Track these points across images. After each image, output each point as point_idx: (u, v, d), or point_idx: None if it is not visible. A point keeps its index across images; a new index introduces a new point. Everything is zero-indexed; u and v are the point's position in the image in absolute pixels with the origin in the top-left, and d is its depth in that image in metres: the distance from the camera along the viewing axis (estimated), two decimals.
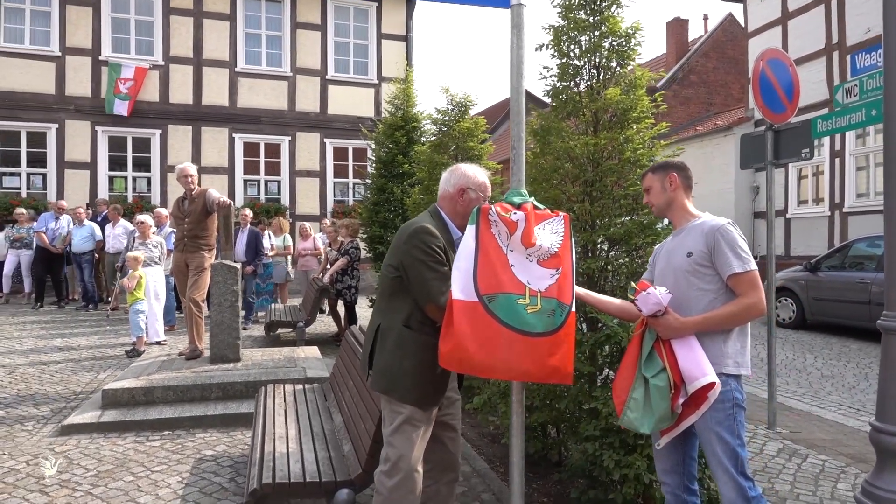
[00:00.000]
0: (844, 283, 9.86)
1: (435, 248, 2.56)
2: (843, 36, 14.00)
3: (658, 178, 2.71)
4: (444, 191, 2.79)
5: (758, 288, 2.40)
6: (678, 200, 2.68)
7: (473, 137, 6.38)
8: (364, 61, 16.52)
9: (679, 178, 2.68)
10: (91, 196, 13.97)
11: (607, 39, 3.77)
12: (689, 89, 22.42)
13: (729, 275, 2.42)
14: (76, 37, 14.21)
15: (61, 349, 7.98)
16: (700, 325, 2.43)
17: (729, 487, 2.41)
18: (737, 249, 2.43)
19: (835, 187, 14.33)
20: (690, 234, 2.58)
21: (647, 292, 2.44)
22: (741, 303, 2.40)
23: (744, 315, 2.41)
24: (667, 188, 2.68)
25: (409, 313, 2.60)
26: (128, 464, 4.24)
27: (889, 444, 2.07)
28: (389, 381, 2.60)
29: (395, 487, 2.51)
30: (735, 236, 2.46)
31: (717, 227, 2.49)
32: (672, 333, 2.44)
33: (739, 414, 2.44)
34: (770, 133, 5.32)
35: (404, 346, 2.59)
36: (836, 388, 6.74)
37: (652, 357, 2.47)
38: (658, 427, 2.44)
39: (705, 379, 2.32)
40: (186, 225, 6.43)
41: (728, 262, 2.42)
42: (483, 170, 2.86)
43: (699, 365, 2.35)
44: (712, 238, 2.47)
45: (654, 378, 2.42)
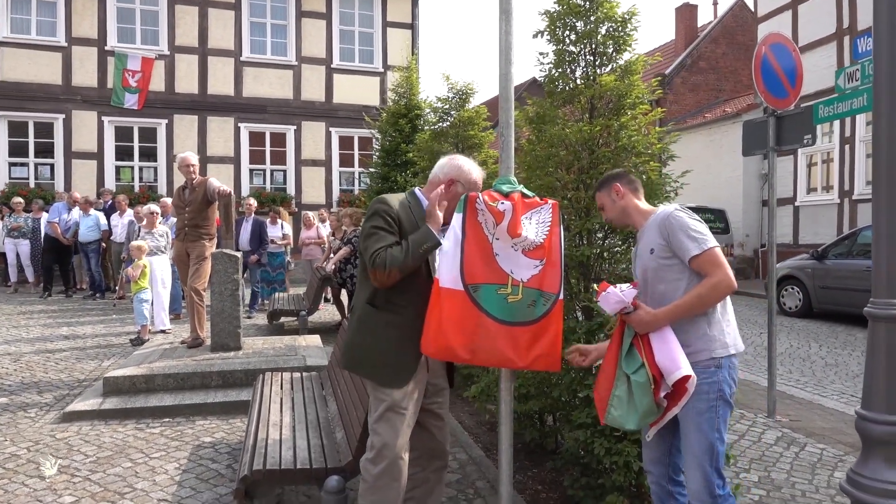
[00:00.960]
0: (851, 272, 9.78)
1: (373, 214, 2.57)
2: (854, 20, 13.79)
3: (605, 193, 2.74)
4: (435, 176, 2.75)
5: (720, 265, 2.37)
6: (630, 205, 2.69)
7: (474, 126, 6.35)
8: (369, 50, 16.47)
9: (622, 185, 2.70)
10: (98, 186, 14.06)
11: (603, 25, 3.73)
12: (699, 76, 22.18)
13: (688, 259, 2.41)
14: (82, 27, 14.25)
15: (67, 337, 8.06)
16: (671, 314, 2.41)
17: (696, 480, 2.40)
18: (689, 232, 2.42)
19: (844, 174, 14.17)
20: (648, 231, 2.60)
21: (607, 292, 2.44)
22: (707, 283, 2.37)
23: (712, 294, 2.38)
24: (615, 199, 2.70)
25: (373, 291, 2.60)
26: (127, 450, 4.28)
27: (874, 433, 2.05)
28: (353, 358, 2.64)
29: (379, 475, 2.52)
30: (684, 220, 2.45)
31: (665, 216, 2.50)
32: (646, 327, 2.43)
33: (723, 409, 2.41)
34: (772, 119, 5.25)
35: (367, 324, 2.60)
36: (840, 377, 6.70)
37: (631, 353, 2.46)
38: (643, 423, 2.42)
39: (679, 372, 2.31)
40: (187, 214, 6.45)
41: (685, 247, 2.41)
42: (479, 168, 2.81)
43: (673, 358, 2.34)
44: (665, 228, 2.48)
45: (634, 374, 2.41)
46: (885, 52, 2.10)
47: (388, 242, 2.50)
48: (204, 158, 14.53)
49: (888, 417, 2.03)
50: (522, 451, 4.15)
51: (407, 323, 2.58)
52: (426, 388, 2.69)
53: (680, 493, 2.63)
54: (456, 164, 2.74)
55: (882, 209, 2.10)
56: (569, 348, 2.77)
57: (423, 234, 2.51)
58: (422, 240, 2.50)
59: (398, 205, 2.63)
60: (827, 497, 3.69)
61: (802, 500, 3.65)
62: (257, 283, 10.36)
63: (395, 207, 2.60)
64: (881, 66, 2.10)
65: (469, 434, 4.64)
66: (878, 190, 2.10)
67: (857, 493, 2.05)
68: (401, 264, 2.47)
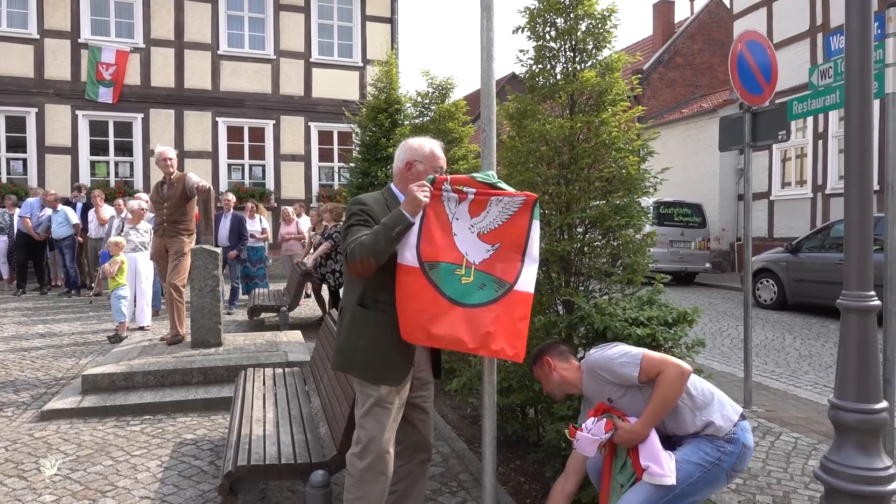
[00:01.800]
0: (824, 265, 9.98)
1: (351, 213, 2.57)
2: (828, 18, 14.02)
3: (539, 370, 2.82)
4: (396, 168, 2.76)
5: (660, 362, 2.47)
6: (564, 377, 2.75)
7: (454, 120, 6.37)
8: (349, 44, 16.38)
9: (552, 359, 2.77)
10: (72, 181, 13.83)
11: (583, 21, 3.76)
12: (675, 72, 22.42)
13: (635, 377, 2.49)
14: (54, 19, 13.98)
15: (43, 335, 7.94)
16: (647, 423, 2.47)
17: (636, 498, 2.43)
18: (615, 362, 2.53)
19: (817, 169, 14.44)
20: (590, 388, 2.67)
21: (578, 439, 2.52)
22: (660, 382, 2.45)
23: (671, 388, 2.44)
24: (550, 375, 2.77)
25: (363, 291, 2.60)
26: (107, 448, 4.24)
27: (846, 420, 2.11)
28: (346, 360, 2.63)
29: (365, 469, 2.53)
30: (602, 358, 2.58)
31: (590, 369, 2.62)
32: (631, 442, 2.50)
33: (713, 474, 2.46)
34: (748, 115, 5.34)
35: (358, 324, 2.60)
36: (813, 368, 6.84)
37: (626, 465, 2.55)
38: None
39: (665, 480, 2.39)
40: (166, 210, 6.38)
41: (627, 377, 2.51)
42: (432, 140, 2.80)
43: (658, 460, 2.42)
44: (598, 377, 2.59)
45: (623, 487, 2.51)
46: (857, 51, 2.16)
47: (361, 234, 2.48)
48: (181, 153, 14.35)
49: (859, 406, 2.10)
50: (505, 443, 4.19)
51: (396, 321, 2.56)
52: (411, 383, 2.70)
53: None
54: (408, 147, 2.75)
55: (853, 204, 2.16)
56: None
57: (395, 217, 2.44)
58: (393, 223, 2.42)
59: (373, 201, 2.64)
60: (801, 484, 3.79)
61: (778, 488, 3.74)
62: (237, 279, 10.29)
63: (370, 204, 2.61)
64: (852, 63, 2.16)
65: (452, 427, 4.68)
66: (850, 185, 2.16)
67: (830, 479, 2.11)
68: (372, 249, 2.40)
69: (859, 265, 2.14)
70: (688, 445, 2.52)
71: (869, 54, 2.14)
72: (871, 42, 2.16)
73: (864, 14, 2.14)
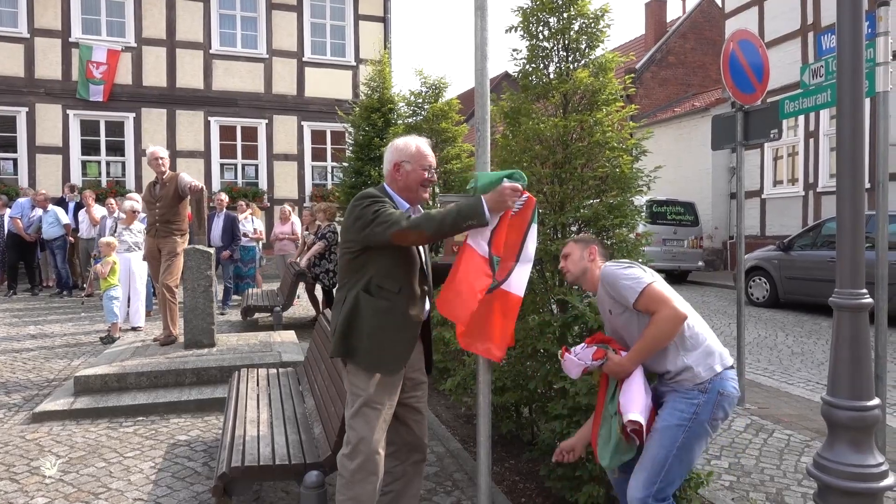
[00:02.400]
0: (816, 262, 10.03)
1: (368, 205, 2.54)
2: (819, 17, 14.09)
3: (579, 247, 2.84)
4: (386, 169, 2.76)
5: (660, 300, 2.46)
6: (592, 270, 2.77)
7: (447, 119, 6.36)
8: (341, 43, 16.33)
9: (598, 250, 2.82)
10: (64, 181, 13.73)
11: (576, 21, 3.76)
12: (668, 70, 22.49)
13: (632, 303, 2.51)
14: (45, 18, 13.88)
15: (34, 336, 7.89)
16: (635, 358, 2.52)
17: (635, 485, 2.46)
18: (622, 281, 2.55)
19: (809, 168, 14.51)
20: (599, 298, 2.75)
21: (565, 359, 2.60)
22: (654, 320, 2.47)
23: (664, 329, 2.45)
24: (585, 257, 2.79)
25: (368, 280, 2.60)
26: (100, 450, 4.22)
27: (839, 418, 2.12)
28: (346, 346, 2.60)
29: (356, 470, 2.52)
30: (614, 270, 2.60)
31: (604, 276, 2.64)
32: (618, 376, 2.55)
33: (695, 431, 2.45)
34: (740, 114, 5.36)
35: (360, 310, 2.59)
36: (806, 365, 6.88)
37: (616, 395, 2.58)
38: (615, 461, 2.55)
39: (630, 416, 2.43)
40: (158, 210, 6.35)
41: (624, 296, 2.54)
42: (417, 138, 2.79)
43: (631, 401, 2.47)
44: (604, 288, 2.64)
45: (613, 416, 2.55)
46: (848, 49, 2.16)
47: (404, 213, 2.51)
48: (173, 153, 14.28)
49: (852, 403, 2.11)
50: (499, 442, 4.20)
51: (401, 310, 2.61)
52: (404, 383, 2.70)
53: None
54: (394, 148, 2.75)
55: (845, 202, 2.17)
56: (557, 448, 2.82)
57: (473, 208, 2.41)
58: (470, 213, 2.40)
59: (382, 196, 2.64)
60: (794, 481, 3.81)
61: (771, 485, 3.76)
62: (230, 279, 10.26)
63: (382, 196, 2.63)
64: (844, 62, 2.17)
65: (446, 427, 4.68)
66: (842, 184, 2.17)
67: (823, 476, 2.12)
68: (438, 225, 2.41)
69: (851, 263, 2.15)
70: (664, 409, 2.52)
71: (860, 53, 2.15)
72: (863, 41, 2.17)
73: (855, 13, 2.15)
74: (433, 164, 2.74)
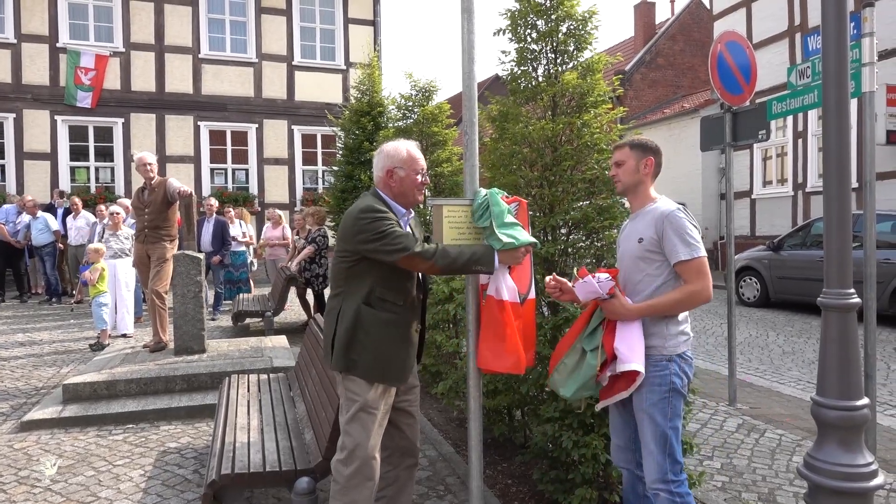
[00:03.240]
0: (805, 262, 10.09)
1: (374, 220, 2.51)
2: (805, 18, 14.19)
3: (635, 155, 2.67)
4: (377, 176, 2.73)
5: (703, 275, 2.44)
6: (645, 184, 2.67)
7: (437, 122, 6.35)
8: (331, 47, 16.32)
9: (655, 163, 2.68)
10: (52, 187, 13.65)
11: (564, 23, 3.77)
12: (657, 72, 22.58)
13: (675, 262, 2.46)
14: (32, 23, 13.80)
15: (23, 344, 7.82)
16: (644, 311, 2.48)
17: (652, 466, 2.49)
18: (684, 236, 2.45)
19: (798, 168, 14.60)
20: (644, 219, 2.60)
21: (584, 280, 2.50)
22: (686, 290, 2.44)
23: (688, 302, 2.45)
24: (641, 170, 2.66)
25: (369, 291, 2.58)
26: (89, 458, 4.18)
27: (828, 418, 2.13)
28: (349, 359, 2.58)
29: (351, 475, 2.51)
30: (683, 223, 2.48)
31: (665, 213, 2.51)
32: (615, 317, 2.50)
33: (676, 399, 2.49)
34: (728, 115, 5.39)
35: (363, 323, 2.57)
36: (797, 364, 6.91)
37: (595, 333, 2.56)
38: (577, 395, 2.59)
39: (630, 365, 2.41)
40: (147, 215, 6.31)
41: (675, 250, 2.45)
42: (407, 142, 2.76)
43: (632, 350, 2.43)
44: (661, 225, 2.50)
45: (590, 352, 2.53)
46: (833, 50, 2.17)
47: (413, 236, 2.54)
48: (163, 158, 14.24)
49: (841, 403, 2.11)
50: (492, 445, 4.19)
51: (403, 322, 2.63)
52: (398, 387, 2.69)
53: None
54: (385, 154, 2.72)
55: (832, 202, 2.17)
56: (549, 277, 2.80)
57: (486, 257, 2.53)
58: (482, 260, 2.53)
59: (384, 207, 2.61)
60: (786, 481, 3.82)
61: (763, 485, 3.77)
62: (220, 284, 10.21)
63: (386, 210, 2.59)
64: (829, 63, 2.18)
65: (438, 430, 4.66)
66: (829, 184, 2.18)
67: (813, 476, 2.13)
68: (450, 261, 2.50)
69: (839, 263, 2.16)
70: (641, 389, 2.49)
71: (845, 54, 2.16)
72: (847, 42, 2.18)
73: (840, 14, 2.16)
74: (425, 167, 2.74)
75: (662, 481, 2.46)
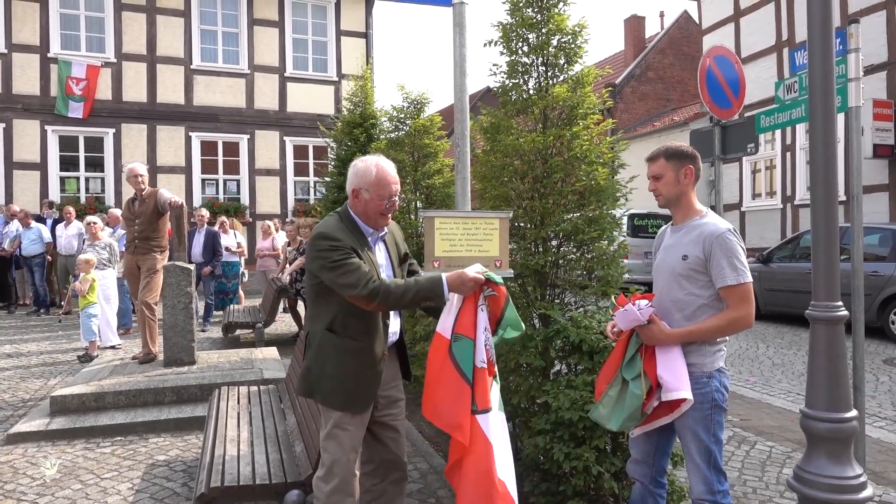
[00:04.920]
0: (795, 274, 10.15)
1: (329, 249, 2.42)
2: (793, 33, 14.38)
3: (673, 166, 2.57)
4: (348, 190, 2.61)
5: (748, 301, 2.40)
6: (688, 195, 2.59)
7: (429, 134, 6.38)
8: (323, 58, 16.36)
9: (695, 171, 2.58)
10: (42, 197, 13.57)
11: (555, 37, 3.80)
12: (647, 86, 22.79)
13: (721, 286, 2.41)
14: (23, 33, 13.76)
15: (10, 356, 7.74)
16: (685, 337, 2.44)
17: (698, 480, 2.48)
18: (733, 260, 2.39)
19: (786, 181, 14.74)
20: (689, 234, 2.52)
21: (626, 309, 2.44)
22: (728, 317, 2.40)
23: (729, 329, 2.43)
24: (681, 180, 2.57)
25: (333, 317, 2.53)
26: (76, 471, 4.14)
27: (817, 430, 2.14)
28: (311, 385, 2.57)
29: (331, 492, 2.49)
30: (734, 246, 2.41)
31: (716, 234, 2.43)
32: (655, 343, 2.46)
33: (718, 414, 2.48)
34: (717, 129, 5.43)
35: (325, 350, 2.54)
36: (786, 376, 6.94)
37: (634, 360, 2.49)
38: (624, 426, 2.49)
39: (679, 394, 2.37)
40: (137, 226, 6.29)
41: (722, 273, 2.40)
42: (381, 161, 2.59)
43: (677, 377, 2.38)
44: (709, 245, 2.42)
45: (632, 382, 2.45)
46: (819, 66, 2.21)
47: (366, 269, 2.41)
48: (154, 168, 14.20)
49: (829, 415, 2.12)
50: None
51: (366, 349, 2.54)
52: (377, 401, 2.66)
53: (660, 496, 2.70)
54: (354, 171, 2.59)
55: (819, 217, 2.20)
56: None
57: (432, 290, 2.42)
58: (428, 294, 2.43)
59: (342, 234, 2.48)
60: (777, 493, 3.83)
61: (754, 497, 3.77)
62: (211, 295, 10.16)
63: (342, 238, 2.46)
64: (815, 78, 2.21)
65: (430, 443, 4.64)
66: (816, 198, 2.21)
67: (803, 488, 2.13)
68: (396, 302, 2.42)
69: (826, 277, 2.18)
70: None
71: (830, 69, 2.19)
72: (833, 57, 2.22)
73: (826, 30, 2.20)
74: (394, 192, 2.58)
75: (709, 493, 2.46)
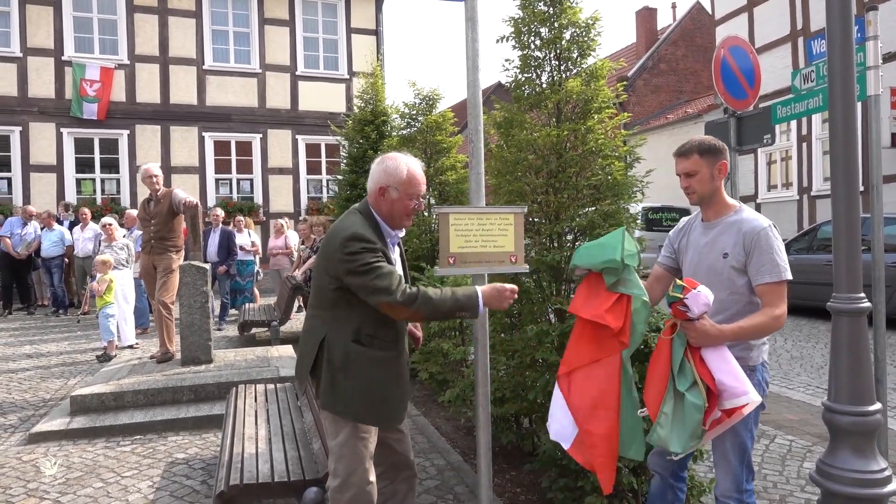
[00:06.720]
0: (812, 266, 10.04)
1: (363, 251, 2.33)
2: (808, 22, 14.20)
3: (707, 162, 2.48)
4: (370, 189, 2.53)
5: (784, 298, 2.36)
6: (720, 190, 2.52)
7: (441, 131, 6.37)
8: (334, 56, 16.39)
9: (728, 165, 2.52)
10: (58, 199, 13.72)
11: (567, 30, 3.77)
12: (660, 78, 22.61)
13: (761, 282, 2.36)
14: (37, 37, 13.91)
15: (30, 356, 7.84)
16: (736, 334, 2.32)
17: (726, 476, 2.45)
18: (775, 257, 2.36)
19: (802, 172, 14.57)
20: (726, 231, 2.46)
21: (698, 291, 2.25)
22: (770, 314, 2.34)
23: (771, 327, 2.36)
24: (716, 176, 2.50)
25: (358, 327, 2.42)
26: (97, 470, 4.18)
27: (840, 423, 2.11)
28: (342, 402, 2.44)
29: (349, 502, 2.42)
30: (776, 243, 2.38)
31: (758, 230, 2.39)
32: (706, 341, 2.29)
33: (756, 409, 2.40)
34: (733, 120, 5.37)
35: (354, 365, 2.42)
36: (805, 369, 6.87)
37: (684, 367, 2.29)
38: (688, 446, 2.24)
39: (746, 398, 2.21)
40: (153, 227, 6.34)
41: (762, 270, 2.36)
42: (411, 161, 2.53)
43: (738, 379, 2.23)
44: (750, 242, 2.38)
45: (689, 392, 2.24)
46: (838, 54, 2.17)
47: (398, 274, 2.36)
48: (168, 169, 14.30)
49: (853, 408, 2.09)
50: (500, 453, 4.17)
51: (395, 358, 2.50)
52: None
53: (680, 490, 2.68)
54: (384, 168, 2.50)
55: (840, 208, 2.16)
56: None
57: (469, 302, 2.38)
58: (465, 306, 2.38)
59: (372, 235, 2.41)
60: (797, 487, 3.79)
61: (774, 491, 3.74)
62: (226, 295, 10.22)
63: (374, 239, 2.39)
64: (834, 67, 2.17)
65: (446, 439, 4.65)
66: (836, 189, 2.17)
67: (826, 482, 2.11)
68: (432, 310, 2.35)
69: (848, 268, 2.14)
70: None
71: (851, 57, 2.15)
72: (853, 45, 2.18)
73: (845, 18, 2.16)
74: (423, 192, 2.55)
75: (737, 491, 2.42)
